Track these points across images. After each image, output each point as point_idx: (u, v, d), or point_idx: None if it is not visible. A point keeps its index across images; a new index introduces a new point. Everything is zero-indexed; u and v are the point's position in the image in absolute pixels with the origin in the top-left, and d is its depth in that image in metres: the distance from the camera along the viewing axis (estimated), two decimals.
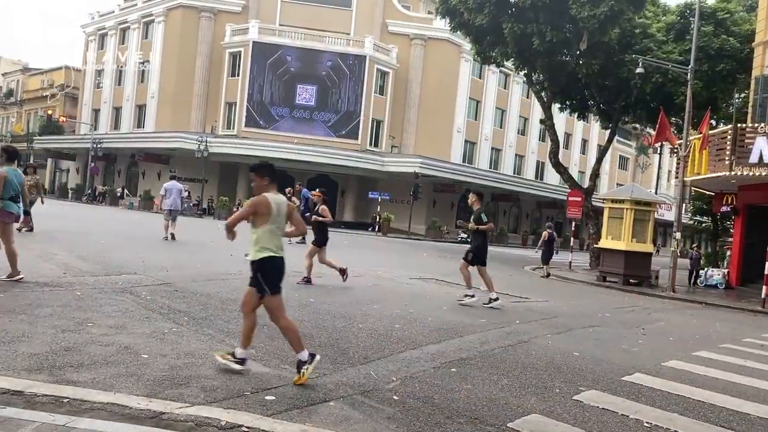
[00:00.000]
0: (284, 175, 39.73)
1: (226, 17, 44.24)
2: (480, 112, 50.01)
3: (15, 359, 4.62)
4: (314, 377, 4.99)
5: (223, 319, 6.86)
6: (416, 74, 45.20)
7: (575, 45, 22.24)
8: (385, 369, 5.51)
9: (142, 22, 48.61)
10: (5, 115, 68.30)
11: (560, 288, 16.55)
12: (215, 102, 44.06)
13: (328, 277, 11.63)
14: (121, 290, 7.92)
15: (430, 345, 6.73)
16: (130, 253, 12.07)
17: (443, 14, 24.89)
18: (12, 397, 3.84)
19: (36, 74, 67.63)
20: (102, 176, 50.87)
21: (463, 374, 5.67)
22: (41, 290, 7.33)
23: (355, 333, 6.87)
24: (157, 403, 3.99)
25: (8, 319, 5.80)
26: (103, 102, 52.34)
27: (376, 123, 43.80)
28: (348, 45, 42.59)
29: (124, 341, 5.44)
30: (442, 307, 9.57)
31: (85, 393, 4.04)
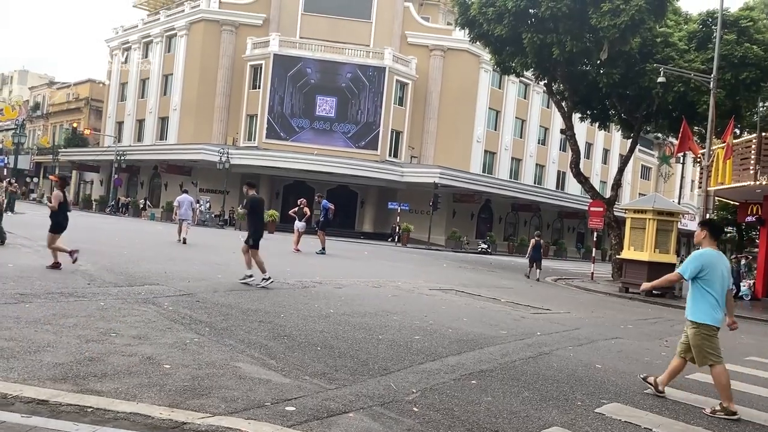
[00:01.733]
0: (304, 186, 40.07)
1: (248, 30, 44.79)
2: (500, 122, 49.92)
3: (40, 369, 4.69)
4: (334, 388, 5.00)
5: (244, 329, 6.90)
6: (435, 85, 45.29)
7: (596, 54, 22.13)
8: (405, 380, 5.50)
9: (165, 36, 49.40)
10: (32, 128, 69.63)
11: (582, 299, 16.40)
12: (236, 114, 44.54)
13: (350, 287, 11.66)
14: (143, 301, 8.01)
15: (450, 356, 6.70)
16: (152, 264, 12.21)
17: (462, 25, 24.94)
18: (37, 406, 3.90)
19: (62, 88, 69.01)
20: (125, 188, 51.58)
21: (484, 386, 5.64)
22: (66, 300, 7.44)
23: (374, 344, 6.87)
24: (179, 413, 4.03)
25: (34, 329, 5.90)
26: (126, 114, 53.18)
27: (396, 134, 43.92)
28: (367, 57, 42.85)
29: (147, 351, 5.51)
30: (462, 318, 9.53)
31: (108, 403, 4.08)
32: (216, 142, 43.08)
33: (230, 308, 8.13)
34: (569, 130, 25.70)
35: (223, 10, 45.59)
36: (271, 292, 9.98)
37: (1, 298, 7.17)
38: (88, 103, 61.63)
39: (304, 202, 20.93)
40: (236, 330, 6.83)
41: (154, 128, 49.96)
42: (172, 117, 47.61)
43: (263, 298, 9.35)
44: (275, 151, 40.47)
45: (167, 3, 54.75)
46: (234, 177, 41.65)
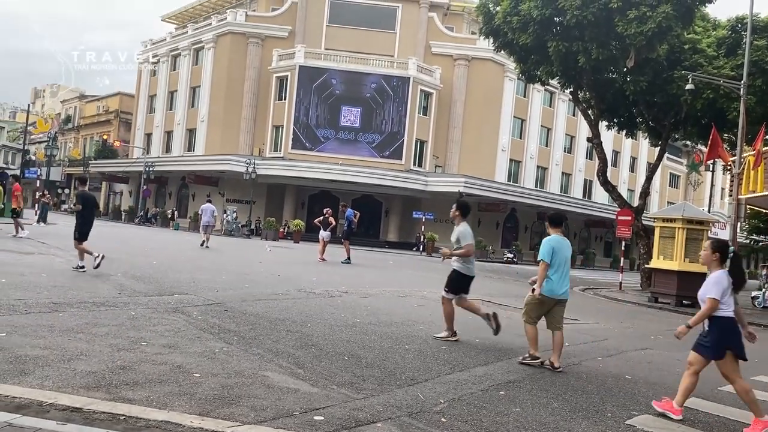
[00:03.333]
0: (329, 196, 40.27)
1: (273, 42, 45.33)
2: (525, 130, 49.70)
3: (74, 377, 4.78)
4: (362, 398, 5.01)
5: (272, 339, 6.95)
6: (460, 94, 45.28)
7: (622, 62, 21.95)
8: (432, 391, 5.49)
9: (193, 49, 50.21)
10: (64, 141, 71.15)
11: (610, 309, 16.19)
12: (263, 125, 45.02)
13: (376, 297, 11.67)
14: (173, 310, 8.12)
15: (478, 367, 6.67)
16: (181, 274, 12.36)
17: (487, 34, 24.95)
18: (72, 413, 3.97)
19: (92, 101, 70.46)
20: (154, 198, 52.36)
21: (512, 397, 5.60)
22: (98, 310, 7.57)
23: (401, 354, 6.87)
24: (209, 421, 4.07)
25: (67, 338, 6.01)
26: (155, 126, 54.08)
27: (420, 143, 43.96)
28: (392, 67, 43.04)
29: (177, 360, 5.57)
30: (489, 328, 9.46)
31: (140, 411, 4.14)
32: (242, 152, 43.58)
33: (258, 317, 8.20)
34: (596, 138, 25.48)
35: (249, 23, 46.23)
36: (298, 302, 10.04)
37: (35, 307, 7.32)
38: (118, 116, 62.82)
39: (329, 211, 21.04)
40: (264, 339, 6.88)
41: (182, 140, 50.72)
42: (200, 128, 48.29)
43: (290, 307, 9.41)
44: (300, 161, 40.79)
45: (195, 17, 55.67)
46: (260, 187, 42.06)
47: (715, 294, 5.14)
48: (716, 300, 5.12)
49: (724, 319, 5.18)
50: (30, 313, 6.97)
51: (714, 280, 5.22)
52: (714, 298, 5.13)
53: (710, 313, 5.15)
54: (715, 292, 5.15)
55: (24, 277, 9.62)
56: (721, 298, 5.13)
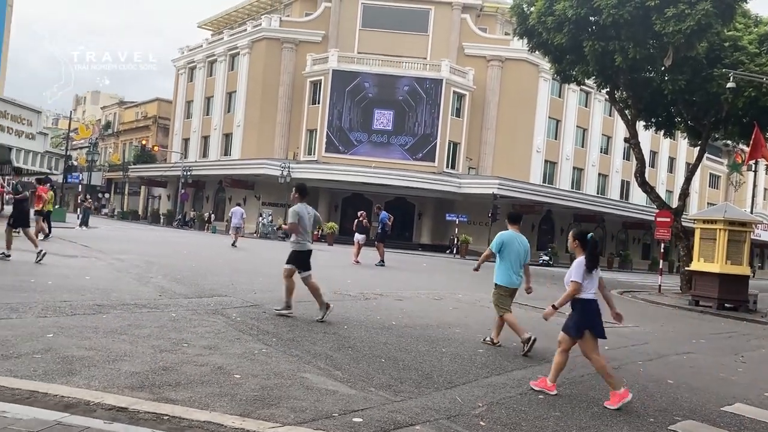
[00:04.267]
0: (362, 199, 40.39)
1: (307, 47, 45.72)
2: (560, 131, 49.14)
3: (118, 377, 4.90)
4: (400, 400, 5.02)
5: (309, 340, 7.01)
6: (493, 95, 45.01)
7: (660, 61, 21.50)
8: (470, 394, 5.47)
9: (228, 55, 50.96)
10: (104, 146, 72.92)
11: (649, 312, 15.88)
12: (297, 129, 45.43)
13: (411, 299, 11.67)
14: (213, 312, 8.25)
15: (516, 371, 6.62)
16: (219, 276, 12.56)
17: (521, 35, 24.72)
18: (117, 413, 4.07)
19: (131, 107, 72.10)
20: (191, 202, 53.26)
21: (551, 401, 5.54)
22: (140, 312, 7.75)
23: (438, 357, 6.86)
24: (250, 422, 4.13)
25: (111, 339, 6.16)
26: (192, 131, 55.01)
27: (453, 145, 43.82)
28: (425, 69, 43.01)
29: (217, 361, 5.67)
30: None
31: (183, 411, 4.22)
32: (277, 156, 44.04)
33: (295, 319, 8.28)
34: (633, 138, 25.03)
35: (283, 29, 46.74)
36: (333, 303, 10.07)
37: (80, 309, 7.53)
38: (156, 121, 64.12)
39: (363, 214, 21.13)
40: (302, 341, 6.95)
41: (218, 144, 51.50)
42: (236, 133, 48.96)
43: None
44: (334, 164, 41.04)
45: (230, 23, 56.51)
46: None
47: (576, 278, 5.56)
48: (578, 283, 5.55)
49: (585, 301, 5.60)
50: (75, 315, 7.17)
51: (576, 265, 5.65)
52: (576, 281, 5.55)
53: (573, 295, 5.55)
54: (576, 275, 5.57)
55: (69, 280, 9.89)
56: (583, 282, 5.54)
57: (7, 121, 30.20)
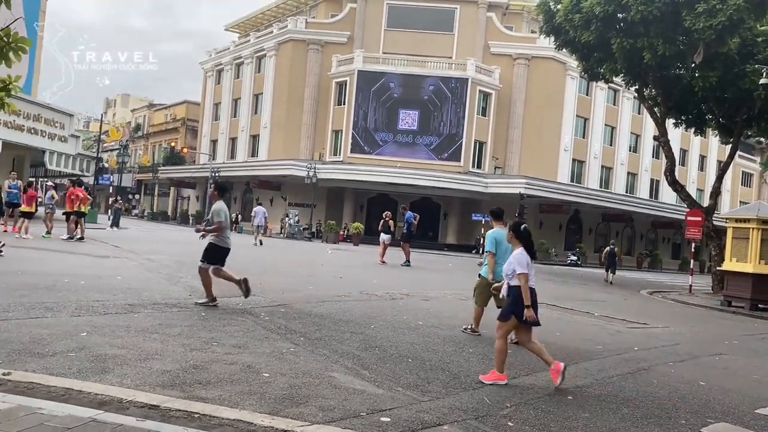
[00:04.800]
0: (387, 199, 40.42)
1: (333, 48, 45.91)
2: (588, 129, 48.60)
3: (150, 375, 4.98)
4: (427, 400, 5.02)
5: (337, 340, 7.05)
6: (520, 94, 44.70)
7: (690, 57, 21.14)
8: (498, 394, 5.45)
9: (255, 57, 51.40)
10: (134, 148, 74.10)
11: (680, 313, 15.63)
12: (323, 130, 45.65)
13: (437, 299, 11.65)
14: (241, 311, 8.35)
15: (543, 372, 6.56)
16: (247, 276, 12.64)
17: (547, 33, 24.52)
18: (149, 411, 4.13)
19: (160, 109, 73.13)
20: None
21: (580, 402, 5.50)
22: (170, 311, 7.87)
23: (465, 357, 6.84)
24: (279, 420, 4.16)
25: (143, 338, 6.27)
26: (220, 133, 55.61)
27: (479, 144, 43.61)
28: (450, 68, 42.90)
29: (247, 360, 5.73)
30: (555, 332, 9.31)
31: (213, 409, 4.27)
32: (303, 157, 44.30)
33: (322, 319, 8.33)
34: (663, 136, 24.65)
35: (309, 30, 46.99)
36: (360, 303, 10.15)
37: (112, 308, 7.67)
38: (185, 123, 64.97)
39: (389, 215, 21.14)
40: (329, 340, 6.99)
41: (245, 145, 51.99)
42: (263, 134, 49.38)
43: (353, 309, 9.52)
44: (359, 164, 41.14)
45: (257, 25, 57.00)
46: (321, 191, 42.63)
47: (524, 269, 5.79)
48: (526, 273, 5.77)
49: (518, 288, 5.83)
50: (108, 314, 7.30)
51: (519, 256, 5.90)
52: (525, 272, 5.77)
53: (528, 285, 5.76)
54: (523, 267, 5.80)
55: (101, 280, 10.08)
56: (529, 271, 5.80)
57: (41, 125, 30.87)
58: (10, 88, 4.61)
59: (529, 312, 5.73)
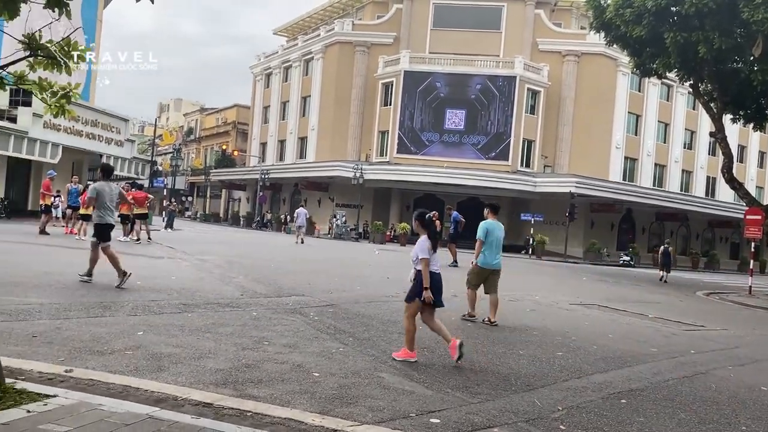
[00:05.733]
0: (434, 199, 40.28)
1: (379, 49, 46.07)
2: (640, 126, 47.40)
3: (204, 374, 5.10)
4: (477, 402, 4.99)
5: (385, 340, 7.07)
6: (569, 91, 43.93)
7: (748, 50, 20.35)
8: (549, 397, 5.37)
9: (303, 60, 52.04)
10: (187, 151, 75.95)
11: (739, 315, 15.07)
12: (369, 131, 45.85)
13: (485, 302, 11.55)
14: (291, 311, 8.46)
15: (596, 374, 6.44)
16: (297, 276, 12.85)
17: (597, 29, 24.04)
18: (203, 408, 4.23)
19: (212, 113, 74.77)
20: (269, 204, 54.71)
21: (635, 406, 5.36)
22: (223, 310, 8.03)
23: (515, 359, 6.77)
24: (329, 420, 4.20)
25: (196, 337, 6.42)
26: (269, 136, 56.52)
27: (527, 143, 43.05)
28: (497, 67, 42.49)
29: (297, 359, 5.80)
30: (608, 334, 9.12)
31: (265, 408, 4.34)
32: (350, 158, 44.60)
33: (371, 319, 8.37)
34: (719, 132, 23.82)
35: (355, 32, 47.28)
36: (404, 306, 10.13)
37: (167, 307, 7.88)
38: (235, 126, 66.27)
39: (435, 214, 20.99)
40: (378, 341, 7.01)
41: (294, 148, 52.69)
42: (311, 136, 49.94)
43: (401, 310, 9.49)
44: (406, 165, 41.16)
45: (305, 28, 57.69)
46: (367, 192, 42.83)
47: (425, 254, 6.18)
48: (428, 259, 6.17)
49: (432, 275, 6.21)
50: (163, 314, 7.51)
51: (422, 243, 6.29)
52: (426, 257, 6.17)
53: (428, 269, 6.15)
54: (424, 253, 6.19)
55: (156, 280, 10.36)
56: (430, 257, 6.18)
57: (98, 130, 31.95)
58: (70, 95, 4.77)
59: (427, 293, 6.11)
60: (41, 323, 6.41)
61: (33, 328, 6.14)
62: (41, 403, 3.91)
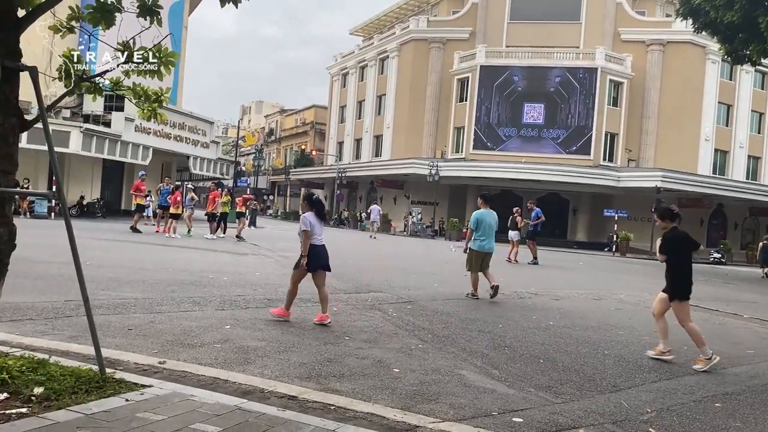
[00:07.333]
0: (512, 195, 39.63)
1: (455, 45, 45.75)
2: (732, 117, 44.90)
3: (288, 367, 5.23)
4: (561, 402, 4.88)
5: (465, 338, 7.02)
6: (654, 82, 42.16)
7: None
8: (637, 399, 5.17)
9: (378, 59, 52.39)
10: (268, 152, 78.09)
11: None
12: (444, 127, 45.64)
13: (568, 299, 11.28)
14: (370, 307, 8.55)
15: (688, 376, 6.16)
16: (375, 273, 12.97)
17: (685, 15, 22.96)
18: (288, 401, 4.34)
19: (291, 114, 76.53)
20: (346, 202, 55.47)
21: (730, 410, 5.09)
22: (305, 306, 8.22)
23: (600, 359, 6.56)
24: (411, 416, 4.21)
25: (280, 331, 6.61)
26: (346, 135, 57.29)
27: (610, 136, 41.64)
28: (577, 58, 41.33)
29: (377, 355, 5.86)
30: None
31: (347, 402, 4.40)
32: (425, 155, 44.53)
33: (449, 316, 8.34)
34: None
35: (431, 29, 47.15)
36: (487, 302, 10.05)
37: (252, 302, 8.14)
38: (313, 126, 67.57)
39: (518, 211, 20.72)
40: (457, 338, 6.98)
41: (370, 146, 53.17)
42: (386, 134, 50.23)
43: (480, 307, 9.44)
44: (482, 161, 40.68)
45: (380, 28, 58.05)
46: (443, 189, 42.63)
47: (306, 227, 7.12)
48: (308, 231, 7.13)
49: (312, 246, 7.20)
50: (249, 308, 7.77)
51: (303, 219, 7.23)
52: (307, 229, 7.12)
53: (308, 241, 7.13)
54: (306, 226, 7.13)
55: (242, 276, 10.73)
56: (312, 230, 7.14)
57: (185, 132, 33.35)
58: (161, 100, 5.01)
59: (304, 260, 7.14)
60: (136, 317, 6.76)
61: (129, 321, 6.49)
62: (138, 392, 4.12)
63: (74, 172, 29.95)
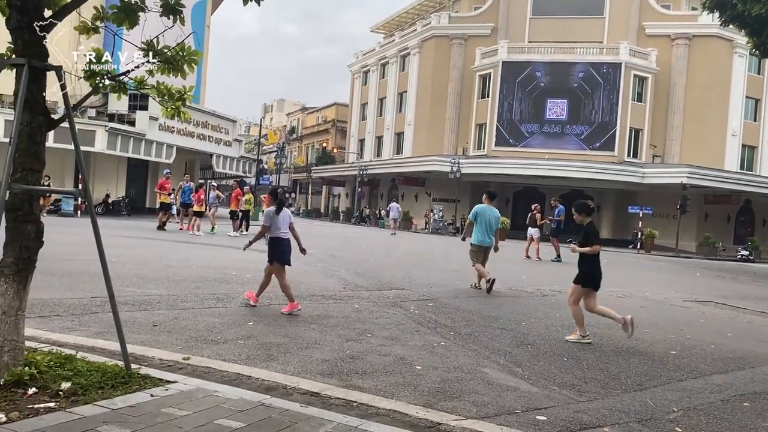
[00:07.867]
0: (534, 192, 39.35)
1: (477, 41, 45.51)
2: (760, 111, 44.06)
3: (311, 363, 5.25)
4: (585, 400, 4.83)
5: (487, 336, 6.99)
6: (679, 76, 41.52)
7: None
8: (663, 398, 5.10)
9: (399, 56, 52.31)
10: (289, 150, 78.49)
11: None
12: (466, 124, 45.44)
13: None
14: (392, 304, 8.55)
15: (715, 375, 6.06)
16: (396, 270, 12.97)
17: (711, 8, 22.57)
18: (311, 397, 4.35)
19: (312, 112, 76.78)
20: (367, 199, 55.54)
21: (759, 410, 4.99)
22: (327, 302, 8.25)
23: (625, 357, 6.49)
24: (433, 413, 4.20)
25: (303, 327, 6.64)
26: (367, 132, 57.32)
27: (635, 132, 41.13)
28: (601, 53, 40.87)
29: (399, 352, 5.86)
30: (726, 333, 8.56)
31: (370, 399, 4.41)
32: (447, 152, 44.38)
33: (471, 314, 8.30)
34: None
35: (452, 25, 46.96)
36: (509, 299, 9.99)
37: (275, 299, 8.18)
38: (335, 124, 67.73)
39: (538, 207, 20.56)
40: (479, 336, 6.95)
41: (391, 143, 53.14)
42: (407, 131, 50.16)
43: (503, 305, 9.39)
44: (504, 158, 40.41)
45: (401, 24, 57.96)
46: (465, 186, 42.46)
47: (266, 222, 7.59)
48: (266, 226, 7.59)
49: (274, 239, 7.58)
50: (271, 305, 7.81)
51: (265, 213, 7.71)
52: (265, 224, 7.59)
53: (264, 233, 7.65)
54: (265, 221, 7.62)
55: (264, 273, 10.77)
56: (271, 224, 7.54)
57: (208, 131, 33.64)
58: (185, 98, 5.05)
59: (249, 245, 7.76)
60: (161, 313, 6.84)
61: (153, 318, 6.57)
62: (163, 388, 4.17)
63: (99, 171, 30.41)
